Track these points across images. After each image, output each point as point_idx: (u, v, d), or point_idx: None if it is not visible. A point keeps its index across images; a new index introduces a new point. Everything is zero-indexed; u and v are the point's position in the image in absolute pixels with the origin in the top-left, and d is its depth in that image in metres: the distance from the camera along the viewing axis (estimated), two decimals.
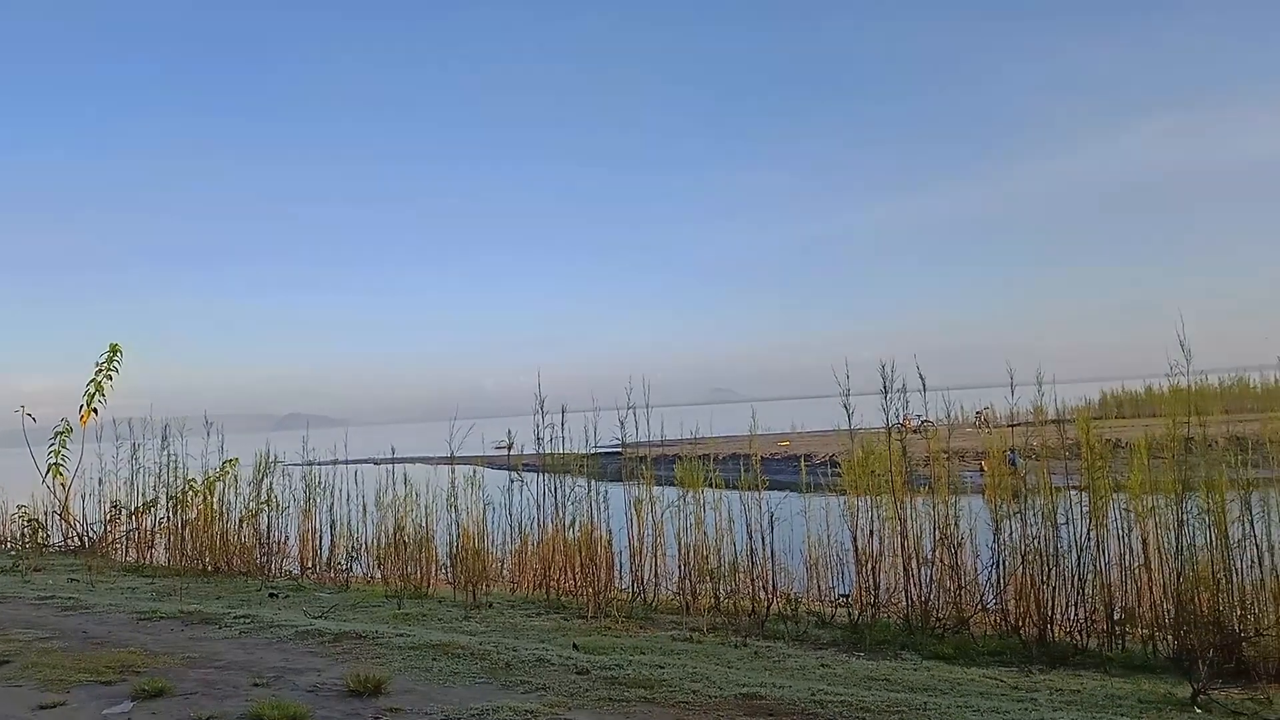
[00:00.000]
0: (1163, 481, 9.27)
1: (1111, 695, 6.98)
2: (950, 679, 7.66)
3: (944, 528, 10.24)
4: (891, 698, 6.87)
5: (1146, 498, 9.46)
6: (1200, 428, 9.29)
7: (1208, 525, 8.66)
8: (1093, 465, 9.62)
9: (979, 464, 17.00)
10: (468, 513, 13.43)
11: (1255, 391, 33.64)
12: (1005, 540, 9.84)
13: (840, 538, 11.99)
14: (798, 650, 9.07)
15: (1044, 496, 9.81)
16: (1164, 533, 9.13)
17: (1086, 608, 9.19)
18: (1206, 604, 8.09)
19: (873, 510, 10.78)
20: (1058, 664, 8.35)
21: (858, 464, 11.14)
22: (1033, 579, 9.38)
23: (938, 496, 10.57)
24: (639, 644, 9.11)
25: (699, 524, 11.88)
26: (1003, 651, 8.81)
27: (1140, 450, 9.66)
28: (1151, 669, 8.06)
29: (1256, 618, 8.01)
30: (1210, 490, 8.72)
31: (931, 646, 9.11)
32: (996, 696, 7.03)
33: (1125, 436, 12.34)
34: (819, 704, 6.63)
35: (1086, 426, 10.00)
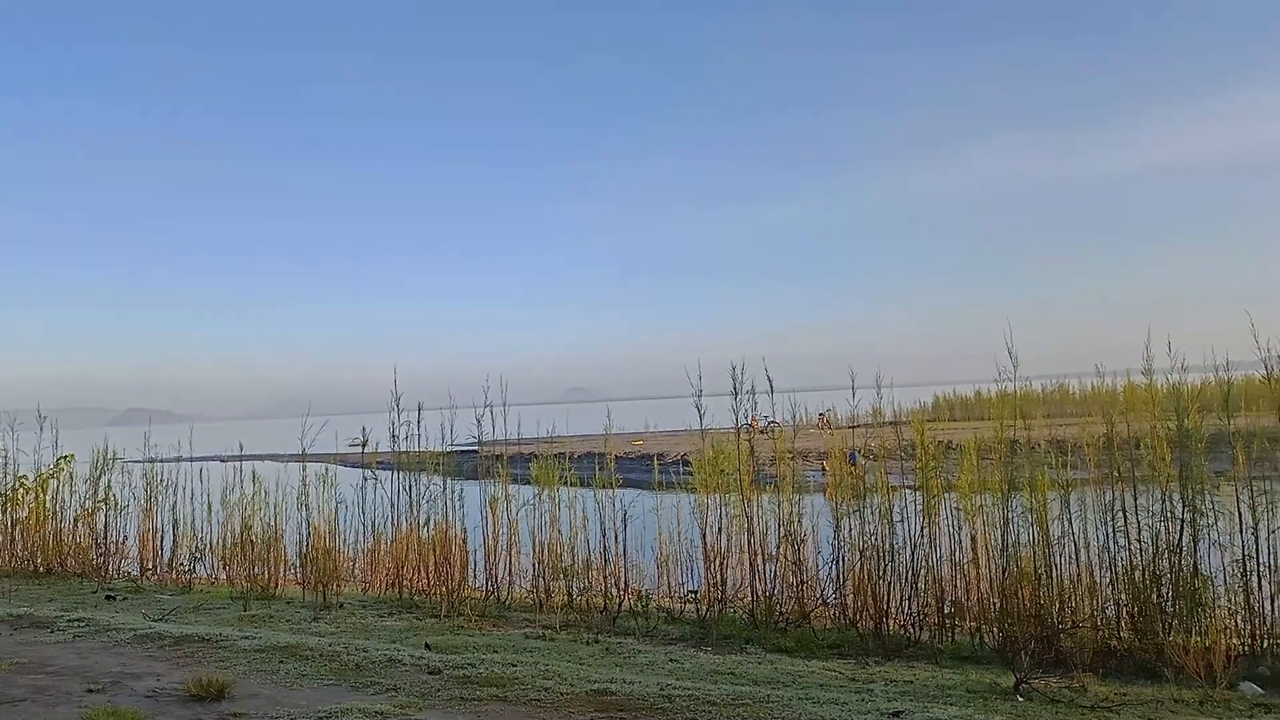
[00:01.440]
0: (990, 481, 9.68)
1: (941, 685, 7.23)
2: (792, 671, 7.81)
3: (788, 525, 10.45)
4: (737, 691, 6.96)
5: (975, 497, 9.85)
6: (1025, 431, 9.74)
7: (1030, 523, 9.08)
8: (926, 466, 9.96)
9: (821, 464, 17.45)
10: (319, 511, 13.02)
11: (1074, 397, 35.60)
12: (845, 537, 10.10)
13: (690, 535, 12.11)
14: (648, 646, 9.10)
15: (881, 495, 10.11)
16: (991, 530, 9.53)
17: (920, 602, 9.52)
18: (1029, 598, 8.47)
19: (721, 508, 10.92)
20: (892, 656, 8.62)
21: (708, 463, 11.26)
22: (870, 574, 9.65)
23: (783, 495, 10.78)
24: (492, 642, 9.00)
25: (554, 522, 11.82)
26: (841, 644, 9.04)
27: (970, 452, 10.06)
28: (978, 660, 8.39)
29: (1073, 611, 8.44)
30: (1033, 490, 9.14)
31: (775, 640, 9.28)
32: (835, 688, 7.19)
33: (956, 438, 12.84)
34: (667, 698, 6.66)
35: (921, 429, 10.37)
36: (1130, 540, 8.54)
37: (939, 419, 41.11)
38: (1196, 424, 8.70)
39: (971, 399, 51.52)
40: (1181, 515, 8.30)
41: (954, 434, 16.47)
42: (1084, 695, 6.69)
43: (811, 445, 23.02)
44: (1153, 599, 8.12)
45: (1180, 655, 7.13)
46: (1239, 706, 6.45)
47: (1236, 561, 8.16)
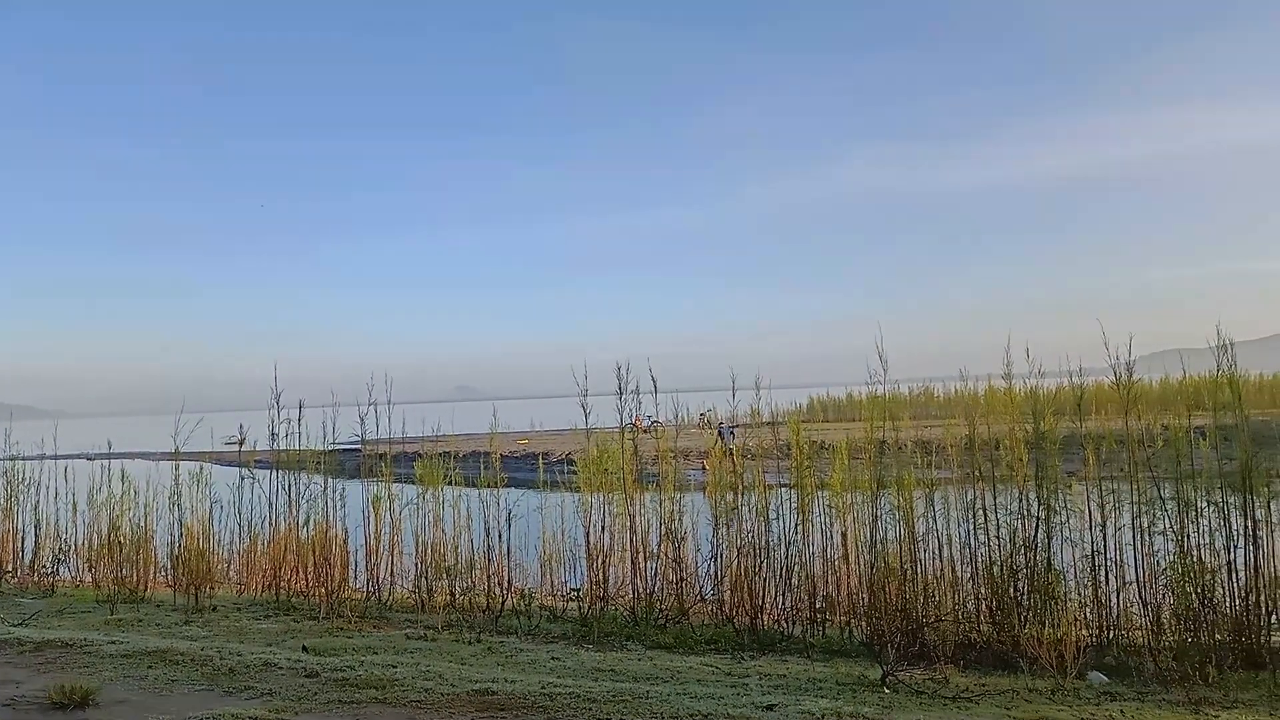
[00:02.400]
0: (860, 480, 9.92)
1: (813, 679, 7.38)
2: (671, 667, 7.86)
3: (669, 523, 10.52)
4: (617, 688, 6.97)
5: (846, 495, 10.09)
6: (893, 432, 10.02)
7: (898, 521, 9.34)
8: (801, 465, 10.15)
9: (702, 463, 17.64)
10: (192, 511, 12.54)
11: (939, 400, 36.76)
12: (724, 535, 10.22)
13: (574, 534, 12.08)
14: (530, 645, 9.05)
15: (759, 494, 10.26)
16: (861, 527, 9.78)
17: (794, 597, 9.70)
18: (895, 593, 8.71)
19: (605, 507, 10.92)
20: (767, 650, 8.76)
21: (592, 462, 11.25)
22: (747, 571, 9.79)
23: (664, 493, 10.85)
24: (372, 644, 8.81)
25: (437, 522, 11.64)
26: (718, 640, 9.14)
27: (842, 452, 10.30)
28: (848, 653, 8.59)
29: (937, 605, 8.71)
30: (900, 489, 9.41)
31: (655, 637, 9.33)
32: (712, 683, 7.27)
33: (830, 439, 13.13)
34: (549, 697, 6.63)
35: (797, 429, 10.56)
36: (989, 537, 8.87)
37: (814, 420, 42.03)
38: (1051, 427, 9.08)
39: (844, 401, 52.83)
40: (1037, 513, 8.66)
41: (827, 434, 16.85)
42: (946, 686, 6.91)
43: (693, 445, 23.30)
44: (1010, 593, 8.44)
45: (1035, 647, 7.43)
46: (1087, 695, 6.75)
47: (1086, 557, 8.56)
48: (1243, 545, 8.12)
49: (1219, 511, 8.31)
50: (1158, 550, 8.33)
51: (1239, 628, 7.81)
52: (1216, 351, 8.91)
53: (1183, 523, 8.27)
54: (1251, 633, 7.80)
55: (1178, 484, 8.49)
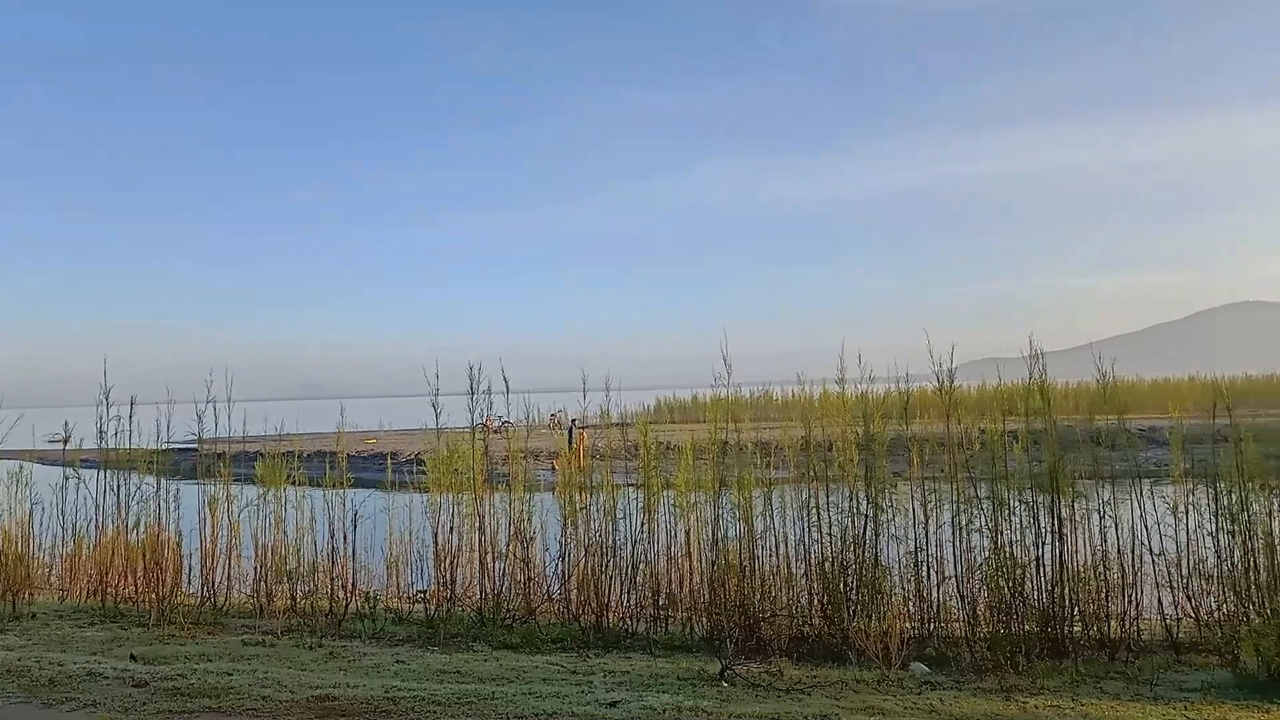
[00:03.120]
0: (704, 480, 10.09)
1: (655, 674, 7.47)
2: (517, 667, 7.82)
3: (518, 523, 10.45)
4: (462, 689, 6.91)
5: (690, 494, 10.24)
6: (735, 433, 10.22)
7: (738, 519, 9.54)
8: (648, 465, 10.25)
9: (552, 463, 17.60)
10: (10, 513, 11.71)
11: (778, 403, 37.72)
12: (572, 534, 10.22)
13: (422, 534, 11.83)
14: (374, 648, 8.84)
15: (607, 493, 10.30)
16: (703, 526, 9.94)
17: (638, 595, 9.77)
18: (734, 589, 8.90)
19: (454, 507, 10.76)
20: (612, 648, 8.81)
21: (442, 462, 11.08)
22: (594, 569, 9.82)
23: (514, 494, 10.77)
24: (206, 651, 8.44)
25: (279, 523, 11.20)
26: (565, 638, 9.14)
27: (686, 452, 10.45)
28: (689, 648, 8.72)
29: (773, 600, 8.93)
30: (740, 488, 9.62)
31: (501, 637, 9.26)
32: (558, 681, 7.27)
33: (676, 440, 13.30)
34: (392, 700, 6.52)
35: (644, 430, 10.65)
36: (822, 534, 9.15)
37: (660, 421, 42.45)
38: (880, 430, 9.45)
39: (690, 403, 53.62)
40: (866, 511, 8.98)
41: (673, 435, 17.07)
42: (780, 679, 7.11)
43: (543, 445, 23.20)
44: (840, 588, 8.74)
45: (862, 639, 7.72)
46: (910, 685, 7.06)
47: (910, 553, 8.93)
48: (1050, 542, 8.64)
49: (1029, 510, 8.80)
50: (974, 546, 8.76)
51: (1046, 619, 8.31)
52: (1029, 361, 9.45)
53: (997, 521, 8.74)
54: (1056, 623, 8.30)
55: (993, 484, 8.96)
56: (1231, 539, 8.45)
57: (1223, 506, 8.61)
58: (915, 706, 6.39)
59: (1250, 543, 8.34)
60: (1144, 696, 6.71)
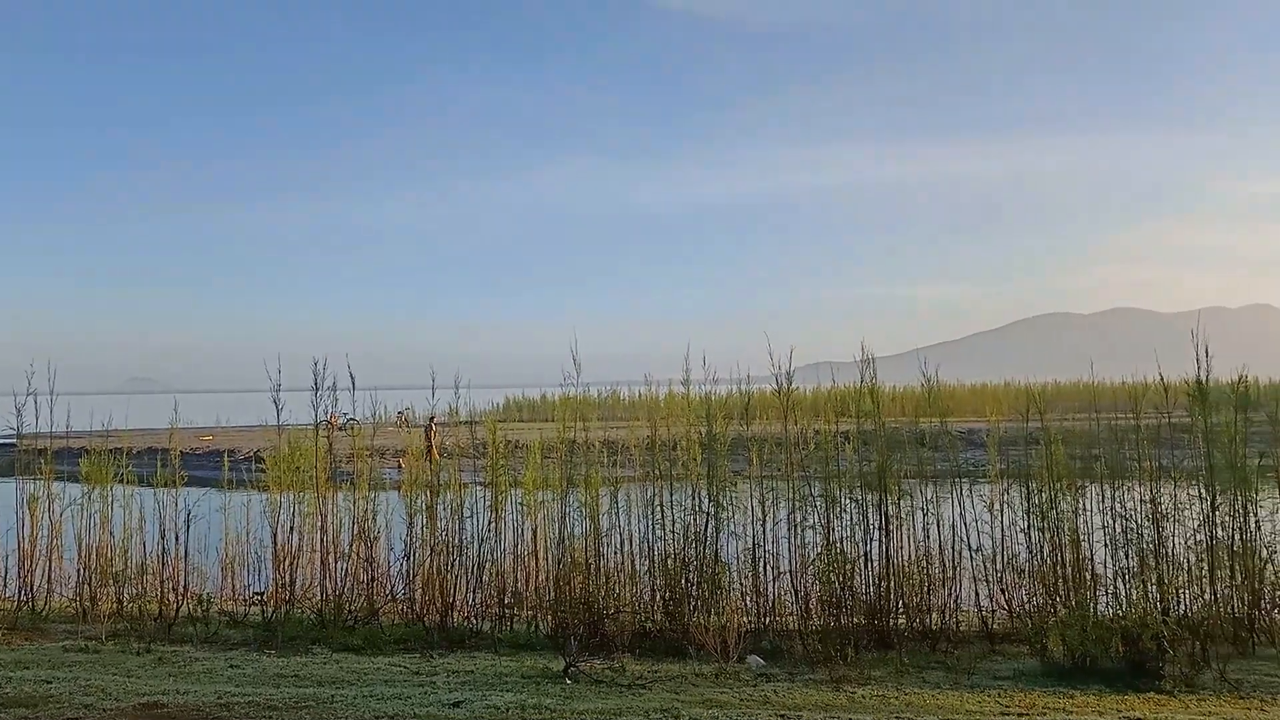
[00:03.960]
0: (551, 479, 10.05)
1: (500, 673, 7.38)
2: (358, 669, 7.60)
3: (362, 523, 10.16)
4: (300, 693, 6.67)
5: (538, 493, 10.19)
6: (583, 432, 10.22)
7: (585, 517, 9.54)
8: (496, 464, 10.14)
9: (399, 461, 17.19)
10: None
11: (625, 403, 37.84)
12: (418, 533, 10.01)
13: (261, 534, 11.34)
14: (207, 653, 8.43)
15: (454, 492, 10.13)
16: (550, 524, 9.90)
17: (484, 593, 9.64)
18: (579, 586, 8.89)
19: (295, 506, 10.37)
20: (456, 647, 8.65)
21: (283, 460, 10.65)
22: (439, 569, 9.63)
23: (359, 492, 10.46)
24: (23, 657, 7.88)
25: (105, 523, 10.54)
26: (408, 639, 8.93)
27: (535, 451, 10.39)
28: (535, 646, 8.65)
29: (617, 597, 8.96)
30: (587, 487, 9.63)
31: (342, 639, 8.96)
32: (400, 683, 7.11)
33: (524, 438, 13.20)
34: (225, 707, 6.25)
35: (493, 429, 10.53)
36: (666, 532, 9.25)
37: (509, 419, 42.06)
38: (722, 430, 9.63)
39: (539, 402, 53.36)
40: (707, 509, 9.14)
41: (522, 434, 16.92)
42: (623, 674, 7.14)
43: (390, 443, 22.62)
44: (682, 584, 8.85)
45: (702, 634, 7.84)
46: (746, 677, 7.20)
47: (748, 550, 9.14)
48: (878, 538, 9.00)
49: (859, 508, 9.15)
50: (808, 543, 9.04)
51: (873, 612, 8.63)
52: (861, 365, 9.81)
53: (829, 518, 9.05)
54: (883, 616, 8.65)
55: (826, 483, 9.26)
56: (1041, 535, 8.96)
57: (1034, 504, 9.13)
58: (751, 698, 6.52)
59: (1058, 539, 8.87)
60: (962, 685, 7.04)
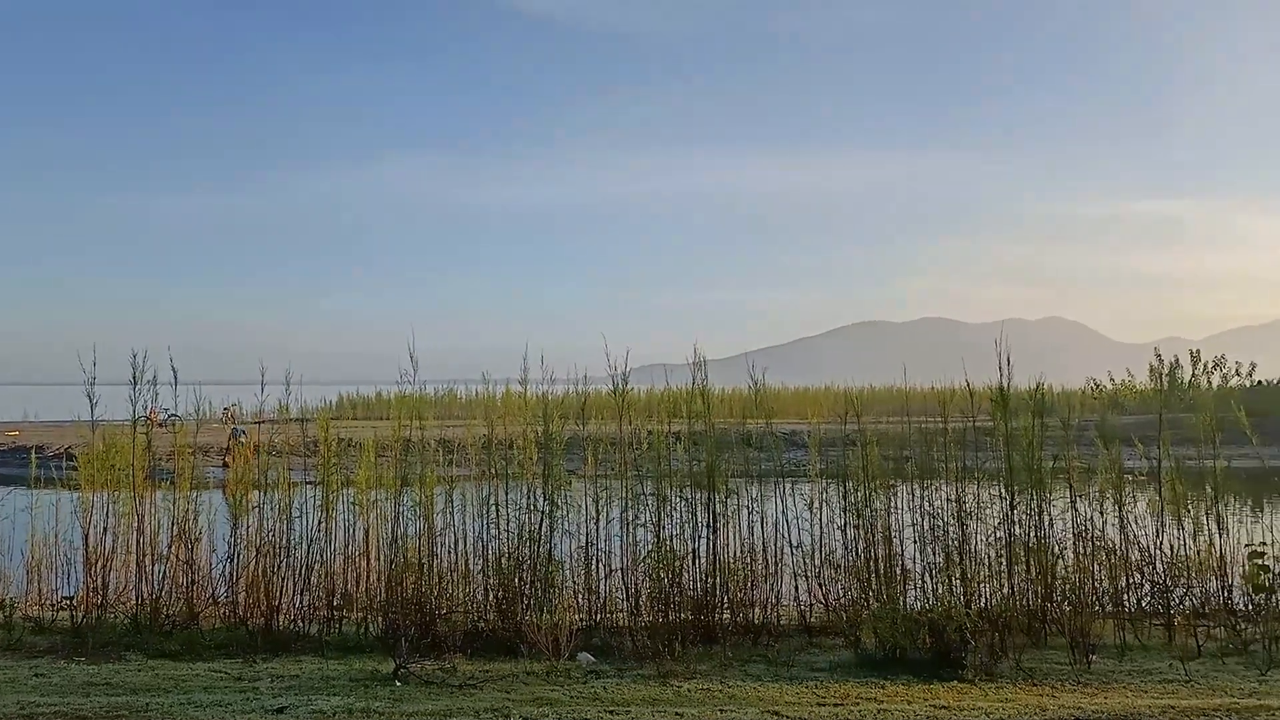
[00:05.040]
0: (385, 478, 9.79)
1: (327, 677, 7.13)
2: (175, 676, 7.20)
3: (182, 523, 9.61)
4: (112, 702, 6.30)
5: (371, 492, 9.90)
6: (419, 430, 10.00)
7: (419, 516, 9.34)
8: (328, 462, 9.79)
9: (224, 459, 16.38)
10: None
11: (462, 401, 37.14)
12: (243, 534, 9.55)
13: (71, 536, 10.54)
14: (9, 661, 7.81)
15: (282, 491, 9.72)
16: (383, 524, 9.63)
17: (312, 595, 9.27)
18: (412, 586, 8.67)
19: (109, 506, 9.70)
20: (281, 651, 8.28)
21: (97, 457, 9.94)
22: (265, 570, 9.20)
23: (180, 491, 9.89)
24: None
25: None
26: (230, 644, 8.47)
27: (368, 449, 10.10)
28: (364, 649, 8.37)
29: (450, 597, 8.79)
30: (422, 485, 9.42)
31: (160, 644, 8.44)
32: (220, 689, 6.78)
33: (358, 436, 12.81)
34: (29, 718, 5.82)
35: (325, 426, 10.17)
36: (501, 531, 9.15)
37: (343, 417, 40.62)
38: (559, 429, 9.61)
39: (374, 399, 51.78)
40: (542, 508, 9.10)
41: (356, 432, 16.41)
42: (454, 675, 7.01)
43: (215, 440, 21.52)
44: (515, 583, 8.77)
45: (534, 633, 7.78)
46: (577, 674, 7.20)
47: (581, 548, 9.16)
48: (705, 536, 9.18)
49: (689, 506, 9.31)
50: (640, 540, 9.13)
51: (699, 607, 8.79)
52: (693, 367, 10.00)
53: (660, 516, 9.17)
54: (709, 611, 8.81)
55: (658, 482, 9.39)
56: (856, 532, 9.36)
57: (850, 503, 9.52)
58: (581, 695, 6.53)
59: (871, 536, 9.27)
60: (782, 677, 7.25)
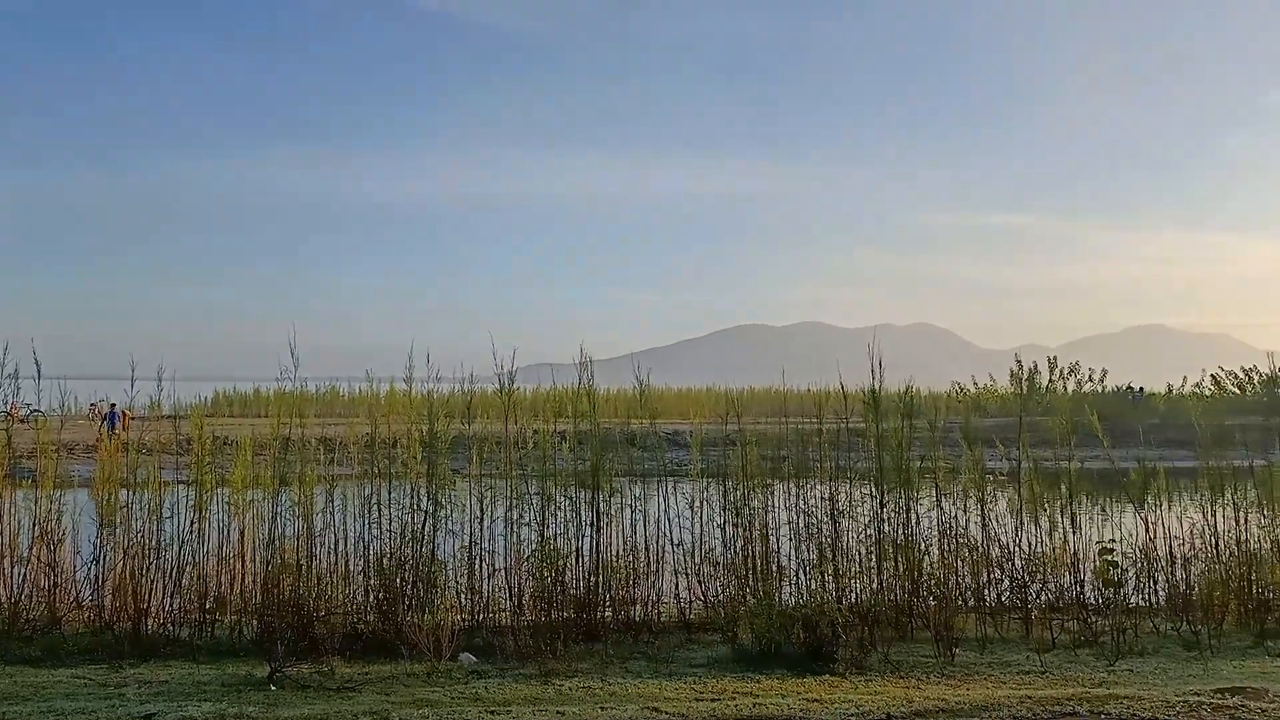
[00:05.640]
0: (262, 477, 9.50)
1: (198, 682, 6.90)
2: (35, 683, 6.86)
3: (45, 523, 9.12)
4: None
5: (248, 492, 9.60)
6: (299, 429, 9.73)
7: (297, 517, 9.09)
8: (202, 461, 9.46)
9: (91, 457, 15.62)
10: None
11: (344, 399, 36.11)
12: (110, 535, 9.14)
13: None
14: None
15: (153, 490, 9.33)
16: (260, 524, 9.34)
17: (184, 598, 8.91)
18: (289, 588, 8.41)
19: None
20: (150, 656, 7.93)
21: None
22: (133, 573, 8.80)
23: (42, 490, 9.40)
24: None
25: None
26: (95, 648, 8.09)
27: (246, 448, 9.80)
28: (238, 653, 8.09)
29: (329, 599, 8.58)
30: (301, 485, 9.19)
31: (20, 650, 8.00)
32: (84, 696, 6.49)
33: (235, 434, 12.39)
34: None
35: (200, 423, 9.82)
36: (383, 531, 9.00)
37: (218, 414, 38.85)
38: (444, 428, 9.50)
39: (252, 396, 49.80)
40: (426, 508, 8.98)
41: (233, 429, 15.83)
42: (332, 678, 6.86)
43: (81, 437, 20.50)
44: (397, 584, 8.63)
45: (415, 633, 7.66)
46: (459, 675, 7.12)
47: (465, 547, 9.08)
48: (589, 535, 9.22)
49: (573, 505, 9.34)
50: (524, 540, 9.11)
51: (582, 606, 8.82)
52: (579, 367, 10.04)
53: (544, 515, 9.17)
54: (591, 610, 8.86)
55: (543, 481, 9.38)
56: (735, 530, 9.53)
57: (729, 501, 9.70)
58: (463, 696, 6.48)
59: (749, 534, 9.47)
60: (661, 673, 7.34)
